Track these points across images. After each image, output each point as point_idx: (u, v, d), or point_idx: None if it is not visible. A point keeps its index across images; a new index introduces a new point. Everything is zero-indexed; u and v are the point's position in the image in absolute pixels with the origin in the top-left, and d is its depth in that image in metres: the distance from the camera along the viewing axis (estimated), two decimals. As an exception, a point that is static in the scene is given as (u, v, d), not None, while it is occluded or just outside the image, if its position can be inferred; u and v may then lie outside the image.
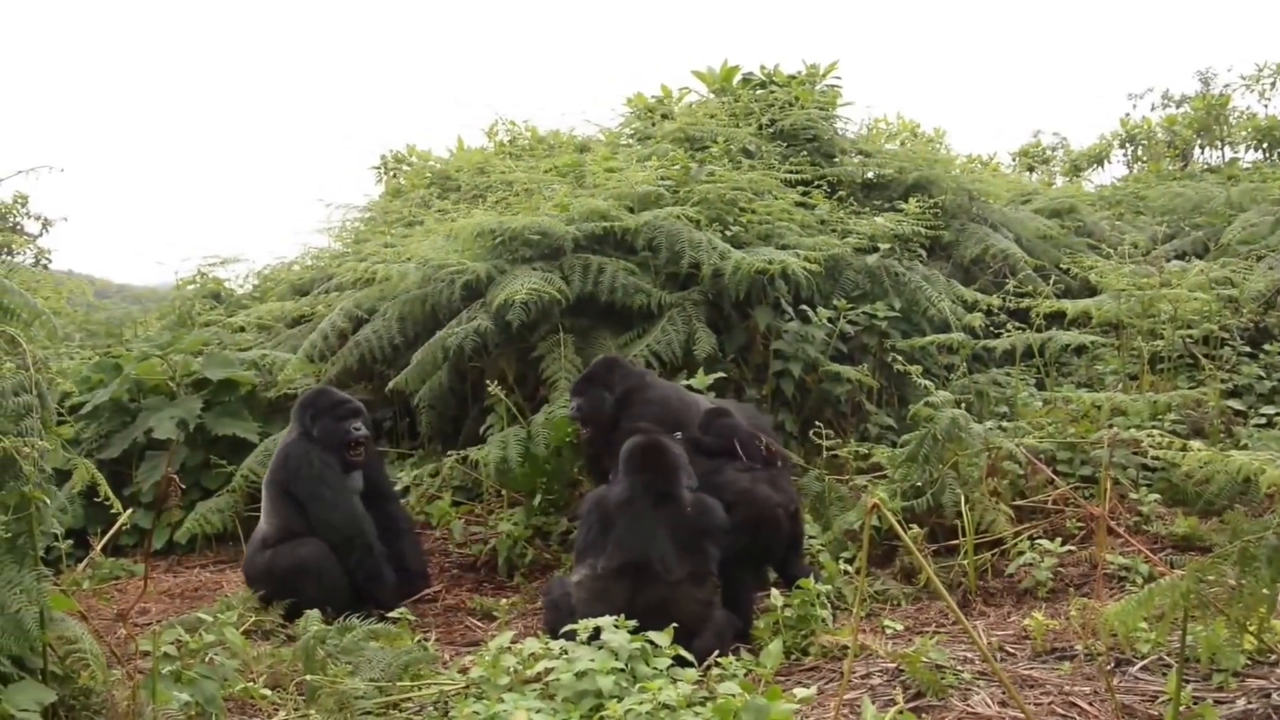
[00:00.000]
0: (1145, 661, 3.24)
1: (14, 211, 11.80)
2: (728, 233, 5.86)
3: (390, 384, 5.60)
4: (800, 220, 6.27)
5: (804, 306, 5.62)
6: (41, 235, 12.74)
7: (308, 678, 3.36)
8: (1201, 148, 12.48)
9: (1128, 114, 13.63)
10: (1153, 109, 14.12)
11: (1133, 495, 4.50)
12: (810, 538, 4.50)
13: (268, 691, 3.37)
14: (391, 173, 9.99)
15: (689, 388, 4.85)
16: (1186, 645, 2.65)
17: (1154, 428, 4.55)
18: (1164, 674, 3.15)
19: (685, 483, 3.79)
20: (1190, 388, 5.41)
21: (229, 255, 8.69)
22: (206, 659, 3.33)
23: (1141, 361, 5.54)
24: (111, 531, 4.07)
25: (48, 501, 2.82)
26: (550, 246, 5.59)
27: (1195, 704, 2.82)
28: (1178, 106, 13.76)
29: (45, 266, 12.14)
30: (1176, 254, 7.48)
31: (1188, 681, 2.96)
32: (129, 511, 4.27)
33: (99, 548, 4.16)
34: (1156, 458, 4.47)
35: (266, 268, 8.72)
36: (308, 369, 5.96)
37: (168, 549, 5.60)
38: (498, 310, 5.19)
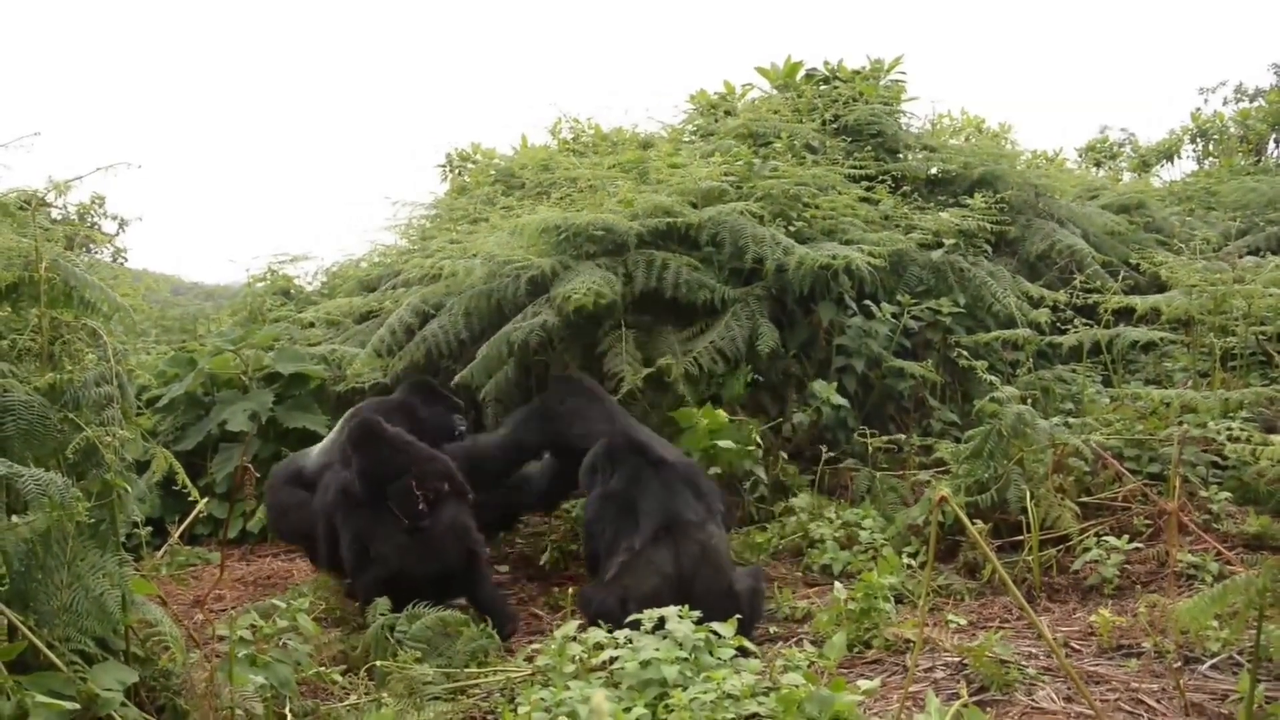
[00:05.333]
0: (1215, 660, 3.21)
1: (92, 211, 12.05)
2: (791, 228, 5.87)
3: (456, 378, 5.66)
4: (864, 216, 6.25)
5: (868, 302, 5.62)
6: (118, 234, 13.01)
7: (378, 663, 3.43)
8: (1276, 142, 12.23)
9: (1198, 108, 13.41)
10: (1225, 103, 13.90)
11: (1203, 493, 4.44)
12: (874, 533, 4.52)
13: (339, 676, 3.45)
14: (456, 170, 10.08)
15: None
16: (1261, 644, 2.63)
17: (1228, 424, 4.50)
18: (1234, 673, 3.12)
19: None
20: (1263, 385, 5.32)
21: (298, 253, 8.83)
22: (281, 643, 3.40)
23: (1213, 358, 5.46)
24: (189, 519, 4.15)
25: (129, 489, 2.85)
26: (614, 242, 5.63)
27: (1268, 703, 2.79)
28: (1251, 100, 13.52)
29: (122, 264, 12.39)
30: (1250, 250, 7.35)
31: (1259, 680, 2.93)
32: (204, 500, 4.37)
33: (177, 535, 4.26)
34: (1229, 455, 4.42)
35: (335, 265, 8.84)
36: (376, 363, 6.05)
37: (241, 538, 5.72)
38: (562, 305, 5.24)
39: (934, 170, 7.52)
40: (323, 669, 3.45)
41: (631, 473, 4.01)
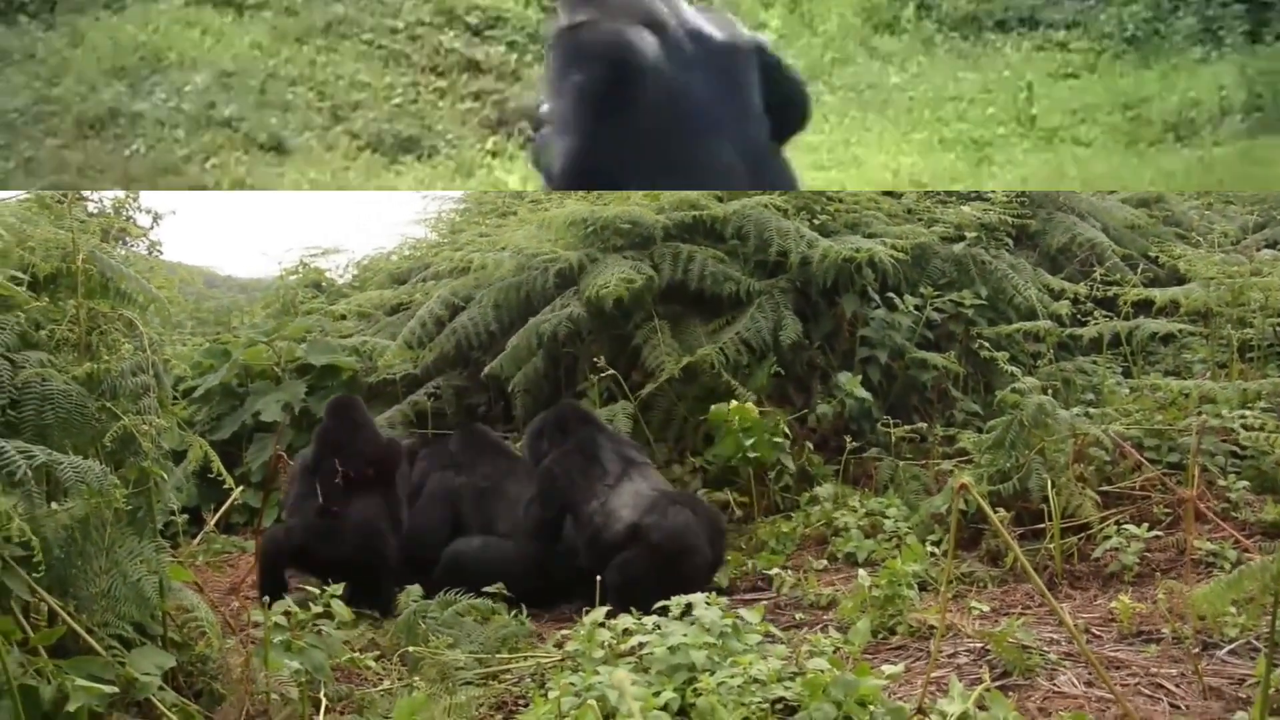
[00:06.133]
0: (1233, 645, 3.23)
1: (127, 205, 12.14)
2: (815, 221, 5.90)
3: (486, 369, 5.73)
4: (887, 209, 6.28)
5: (890, 294, 5.65)
6: (152, 228, 13.08)
7: (410, 649, 3.48)
8: (1294, 136, 12.13)
9: (1218, 102, 13.32)
10: (1245, 96, 13.79)
11: (1221, 482, 4.45)
12: (898, 521, 4.57)
13: (372, 662, 3.51)
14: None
15: None
16: (1277, 629, 2.66)
17: (1245, 414, 4.53)
18: (1251, 658, 3.13)
19: None
20: (1280, 376, 5.34)
21: (329, 246, 8.79)
22: (315, 629, 3.46)
23: (1231, 350, 5.47)
24: (224, 507, 4.23)
25: (165, 477, 2.88)
26: (641, 235, 5.69)
27: (1284, 687, 2.82)
28: (1271, 93, 13.41)
29: (157, 257, 12.44)
30: (1268, 243, 7.34)
31: (1276, 665, 2.96)
32: (239, 489, 4.45)
33: (212, 523, 4.33)
34: (1247, 445, 4.45)
35: (365, 258, 8.85)
36: (406, 355, 6.14)
37: (275, 526, 5.79)
38: (592, 297, 5.31)
39: (956, 163, 7.52)
40: (356, 655, 3.49)
41: (586, 435, 4.50)
